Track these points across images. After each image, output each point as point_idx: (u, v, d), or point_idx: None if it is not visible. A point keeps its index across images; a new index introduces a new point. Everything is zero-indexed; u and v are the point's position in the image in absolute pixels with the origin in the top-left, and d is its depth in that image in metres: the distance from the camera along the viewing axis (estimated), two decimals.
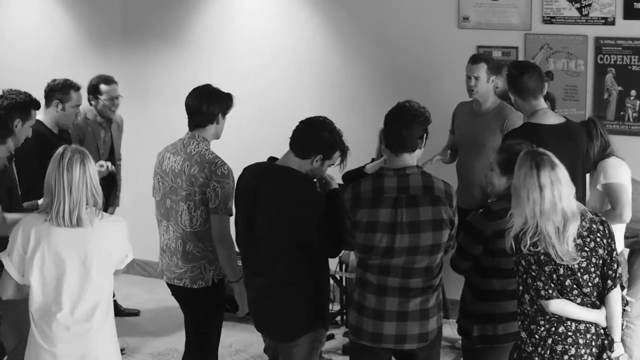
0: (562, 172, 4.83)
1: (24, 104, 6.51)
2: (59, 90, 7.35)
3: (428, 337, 5.25)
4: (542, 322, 4.86)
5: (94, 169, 4.87)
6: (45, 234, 4.81)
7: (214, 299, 6.04)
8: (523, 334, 4.95)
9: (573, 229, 4.78)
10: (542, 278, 4.78)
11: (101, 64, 9.61)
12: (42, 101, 7.21)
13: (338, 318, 8.22)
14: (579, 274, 4.81)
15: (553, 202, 4.76)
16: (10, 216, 5.73)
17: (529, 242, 4.75)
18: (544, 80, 6.49)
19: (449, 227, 5.20)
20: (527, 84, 6.38)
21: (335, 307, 8.19)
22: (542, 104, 6.45)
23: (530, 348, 4.90)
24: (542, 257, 4.77)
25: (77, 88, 7.43)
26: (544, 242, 4.76)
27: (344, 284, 8.12)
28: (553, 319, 4.84)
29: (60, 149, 4.87)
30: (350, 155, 5.60)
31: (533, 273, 4.80)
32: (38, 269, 4.82)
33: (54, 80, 7.41)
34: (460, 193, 6.64)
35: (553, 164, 4.82)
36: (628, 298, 6.04)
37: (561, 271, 4.78)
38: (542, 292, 4.79)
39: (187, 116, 6.03)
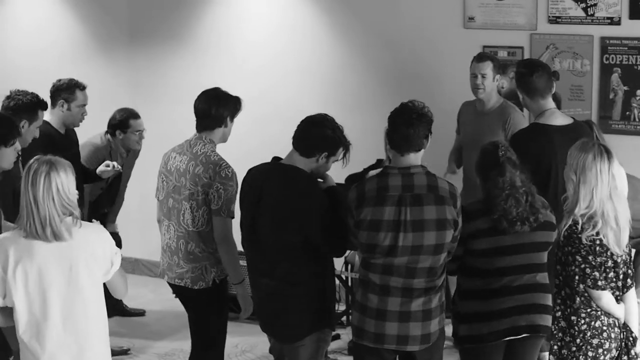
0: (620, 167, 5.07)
1: (31, 105, 6.53)
2: (65, 90, 7.36)
3: (430, 339, 5.25)
4: (583, 315, 4.98)
5: (65, 180, 4.68)
6: (26, 250, 4.66)
7: (216, 300, 6.04)
8: (563, 323, 5.04)
9: (627, 232, 4.96)
10: (599, 269, 4.90)
11: (107, 64, 9.64)
12: (48, 101, 7.24)
13: (344, 318, 8.21)
14: (619, 267, 4.96)
15: (622, 191, 4.97)
16: (8, 225, 5.66)
17: (600, 224, 4.84)
18: (552, 80, 6.48)
19: (452, 228, 5.19)
20: (536, 83, 6.36)
21: (340, 307, 8.19)
22: (550, 103, 6.44)
23: (568, 338, 5.02)
24: (597, 248, 4.87)
25: (82, 87, 7.44)
26: (605, 228, 4.87)
27: (349, 284, 8.11)
28: (593, 312, 4.96)
29: (30, 161, 4.73)
30: (354, 152, 5.62)
31: (592, 263, 4.89)
32: (22, 286, 4.67)
33: (59, 80, 7.43)
34: (465, 192, 6.64)
35: (615, 158, 4.99)
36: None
37: (609, 263, 4.91)
38: (599, 283, 4.90)
39: (194, 118, 6.04)
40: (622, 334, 5.02)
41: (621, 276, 4.99)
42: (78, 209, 4.76)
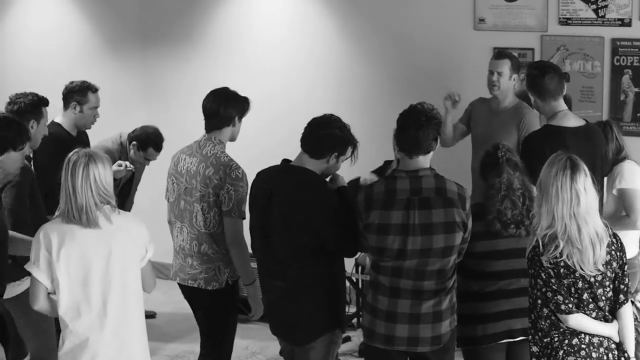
0: (591, 183, 4.77)
1: (35, 104, 6.54)
2: (77, 92, 7.36)
3: (441, 340, 5.24)
4: (555, 336, 4.79)
5: (103, 171, 4.89)
6: (69, 234, 4.85)
7: (228, 301, 6.05)
8: (535, 348, 4.88)
9: (604, 249, 4.72)
10: (562, 292, 4.72)
11: (118, 66, 9.65)
12: (60, 103, 7.27)
13: (354, 320, 8.21)
14: (595, 287, 4.75)
15: (587, 209, 4.70)
16: (12, 233, 5.71)
17: (562, 245, 4.66)
18: (564, 82, 6.46)
19: (462, 230, 5.18)
20: (548, 85, 6.33)
21: (351, 309, 8.19)
22: (562, 105, 6.42)
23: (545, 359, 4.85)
24: (562, 270, 4.70)
25: (94, 90, 7.45)
26: (569, 248, 4.68)
27: (360, 286, 8.11)
28: (567, 331, 4.77)
29: (70, 154, 4.93)
30: (364, 153, 5.65)
31: (554, 287, 4.72)
32: (65, 269, 4.84)
33: (72, 83, 7.43)
34: (474, 193, 6.63)
35: (586, 172, 4.76)
36: None
37: (579, 284, 4.72)
38: (562, 307, 4.72)
39: (203, 118, 6.05)
40: (611, 354, 4.79)
41: (608, 294, 4.78)
42: (114, 198, 4.97)
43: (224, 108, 5.97)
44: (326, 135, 5.45)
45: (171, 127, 8.85)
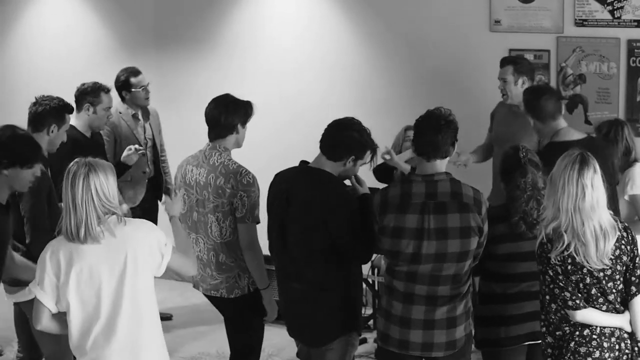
0: (600, 180, 4.79)
1: (58, 109, 6.54)
2: (89, 94, 7.38)
3: (456, 345, 5.22)
4: (566, 328, 4.84)
5: (105, 181, 4.70)
6: (76, 253, 4.69)
7: (252, 308, 6.01)
8: (549, 339, 4.93)
9: (610, 244, 4.74)
10: (570, 288, 4.76)
11: None
12: (73, 105, 7.28)
13: (370, 322, 8.20)
14: (604, 282, 4.78)
15: (592, 204, 4.73)
16: (18, 258, 5.69)
17: (567, 239, 4.70)
18: (561, 101, 6.47)
19: (477, 235, 5.17)
20: (545, 107, 6.36)
21: (367, 311, 8.17)
22: (562, 123, 6.43)
23: (557, 351, 4.89)
24: (569, 267, 4.74)
25: (107, 90, 7.47)
26: (574, 241, 4.71)
27: (376, 287, 8.11)
28: (577, 323, 4.81)
29: (70, 164, 4.75)
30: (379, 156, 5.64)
31: (561, 283, 4.77)
32: (75, 289, 4.70)
33: (84, 84, 7.45)
34: (495, 192, 6.60)
35: (596, 169, 4.79)
36: None
37: (587, 280, 4.76)
38: (570, 303, 4.77)
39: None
40: (623, 344, 4.84)
41: (619, 287, 4.81)
42: (119, 208, 4.77)
43: (225, 117, 5.90)
44: (344, 137, 5.45)
45: (185, 129, 8.88)
